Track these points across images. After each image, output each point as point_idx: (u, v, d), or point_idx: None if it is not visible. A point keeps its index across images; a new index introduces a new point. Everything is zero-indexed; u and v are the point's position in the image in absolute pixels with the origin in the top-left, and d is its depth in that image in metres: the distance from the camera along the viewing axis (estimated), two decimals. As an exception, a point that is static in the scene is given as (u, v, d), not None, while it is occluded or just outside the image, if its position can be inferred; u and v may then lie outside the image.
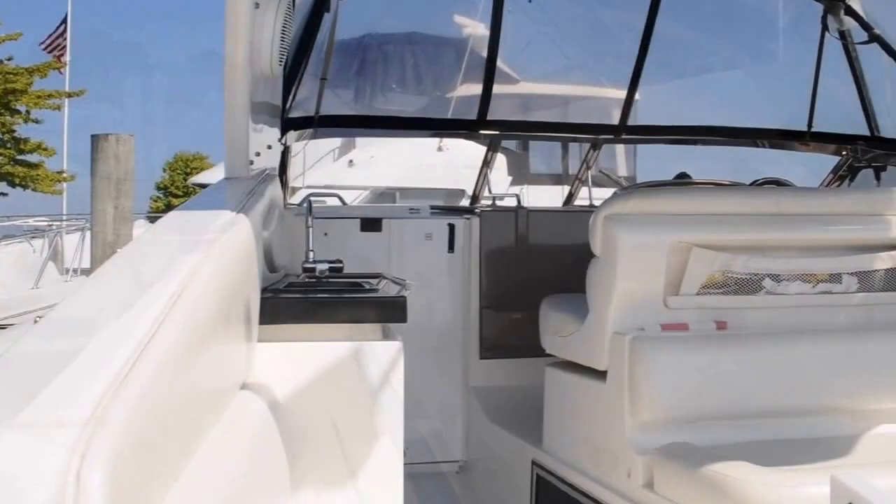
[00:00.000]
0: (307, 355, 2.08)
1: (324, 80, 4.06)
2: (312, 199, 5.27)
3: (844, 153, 4.39)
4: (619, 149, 10.30)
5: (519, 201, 4.39)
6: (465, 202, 6.12)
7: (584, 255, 2.88)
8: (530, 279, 3.93)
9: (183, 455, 1.16)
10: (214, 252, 1.55)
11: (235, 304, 1.68)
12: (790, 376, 2.72)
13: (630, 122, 4.71)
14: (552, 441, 3.18)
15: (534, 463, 3.26)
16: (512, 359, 3.93)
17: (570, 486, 2.96)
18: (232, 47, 2.33)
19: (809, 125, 4.38)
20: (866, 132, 4.24)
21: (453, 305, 4.12)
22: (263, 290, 2.18)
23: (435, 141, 10.35)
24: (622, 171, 10.25)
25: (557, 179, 9.10)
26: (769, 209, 2.87)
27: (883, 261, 2.90)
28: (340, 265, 2.76)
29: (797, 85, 4.59)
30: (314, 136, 4.51)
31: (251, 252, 1.91)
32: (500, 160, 9.49)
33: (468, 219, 4.15)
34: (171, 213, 2.12)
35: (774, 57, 5.42)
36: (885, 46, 3.90)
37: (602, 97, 6.15)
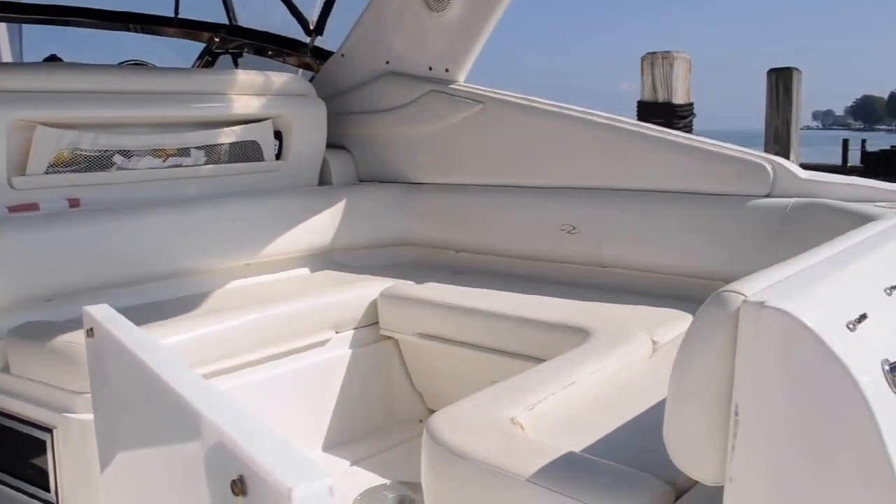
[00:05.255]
0: None
1: None
2: None
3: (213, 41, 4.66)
4: (2, 31, 9.29)
5: None
6: None
7: None
8: None
9: None
10: None
11: None
12: (147, 246, 2.90)
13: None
14: None
15: None
16: None
17: None
18: None
19: (176, 11, 4.53)
20: (227, 21, 4.55)
21: None
22: None
23: None
24: (6, 55, 9.28)
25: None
26: (115, 87, 2.95)
27: (227, 135, 3.23)
28: None
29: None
30: None
31: None
32: None
33: None
34: None
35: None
36: None
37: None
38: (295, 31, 4.22)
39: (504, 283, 2.97)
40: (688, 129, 7.59)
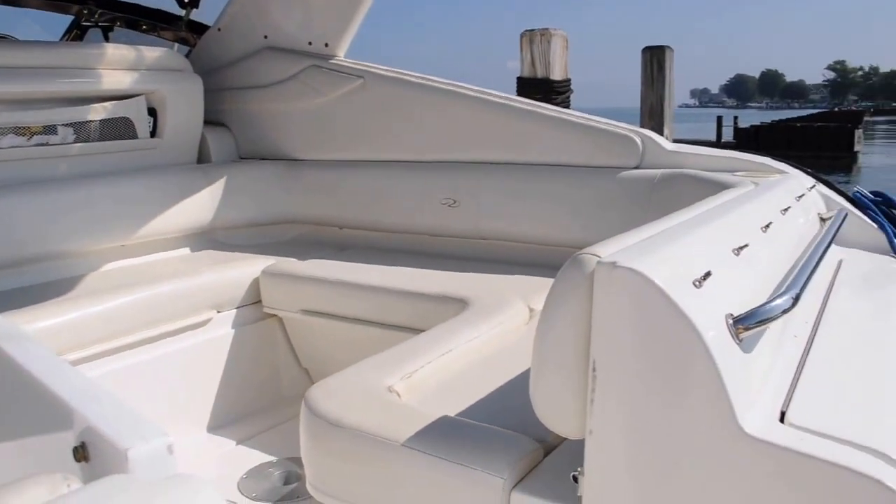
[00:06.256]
0: None
1: None
2: None
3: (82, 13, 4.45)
4: None
5: None
6: None
7: None
8: None
9: None
10: None
11: None
12: (15, 229, 2.78)
13: None
14: None
15: None
16: None
17: None
18: None
19: None
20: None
21: None
22: None
23: None
24: None
25: None
26: None
27: (97, 112, 3.11)
28: None
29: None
30: None
31: None
32: None
33: None
34: None
35: None
36: None
37: None
38: (169, 4, 4.09)
39: (387, 258, 3.00)
40: (565, 104, 7.78)
